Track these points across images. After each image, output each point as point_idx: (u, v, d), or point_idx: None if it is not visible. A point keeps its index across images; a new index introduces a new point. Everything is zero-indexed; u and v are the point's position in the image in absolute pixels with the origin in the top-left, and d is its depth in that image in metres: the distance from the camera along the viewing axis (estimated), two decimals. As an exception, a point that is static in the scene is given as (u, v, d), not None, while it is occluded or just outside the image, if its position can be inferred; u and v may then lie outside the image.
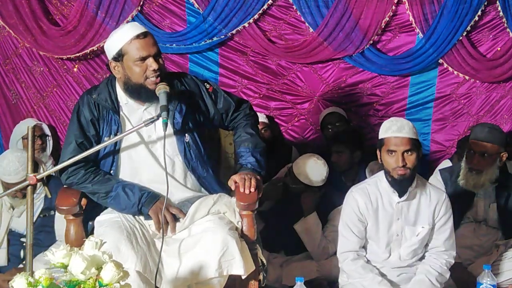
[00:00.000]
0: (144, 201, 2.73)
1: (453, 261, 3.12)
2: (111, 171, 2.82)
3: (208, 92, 2.92)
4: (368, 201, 3.06)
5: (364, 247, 3.14)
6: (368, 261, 3.12)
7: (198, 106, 2.90)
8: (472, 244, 3.64)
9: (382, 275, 3.10)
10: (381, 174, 3.10)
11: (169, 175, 2.76)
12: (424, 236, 3.08)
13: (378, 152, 3.05)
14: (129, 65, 2.71)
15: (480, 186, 3.54)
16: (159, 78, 2.71)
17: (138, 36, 2.69)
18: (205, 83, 2.94)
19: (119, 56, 2.72)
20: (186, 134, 2.81)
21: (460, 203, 3.59)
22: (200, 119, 2.90)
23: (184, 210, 2.76)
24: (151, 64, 2.69)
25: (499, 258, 3.53)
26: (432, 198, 3.07)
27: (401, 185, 2.99)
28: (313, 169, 3.72)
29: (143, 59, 2.69)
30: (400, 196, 3.02)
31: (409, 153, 2.94)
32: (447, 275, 3.10)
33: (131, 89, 2.76)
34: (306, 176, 3.72)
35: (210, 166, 2.89)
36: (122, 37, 2.72)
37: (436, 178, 3.71)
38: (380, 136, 3.02)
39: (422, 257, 3.17)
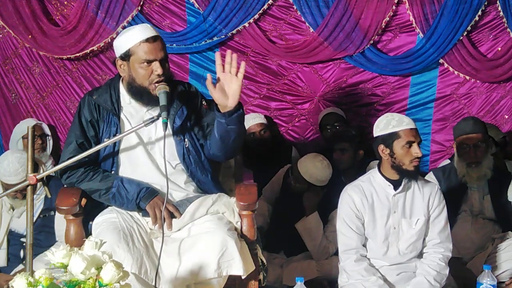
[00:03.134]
0: (142, 196, 2.73)
1: (450, 255, 3.15)
2: (112, 172, 2.82)
3: (202, 107, 2.94)
4: (363, 197, 3.10)
5: (364, 245, 3.15)
6: (370, 263, 3.12)
7: (196, 113, 2.91)
8: (471, 238, 3.67)
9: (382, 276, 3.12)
10: (373, 170, 3.16)
11: (170, 180, 2.76)
12: (421, 228, 3.12)
13: (383, 147, 3.05)
14: (134, 66, 2.73)
15: (483, 177, 3.61)
16: (162, 84, 2.72)
17: (147, 40, 2.71)
18: (203, 100, 2.96)
19: (126, 56, 2.74)
20: (186, 139, 2.82)
21: (455, 197, 3.64)
22: (199, 125, 2.91)
23: (183, 208, 2.76)
24: (157, 68, 2.71)
25: (494, 251, 3.56)
26: (425, 190, 3.14)
27: (413, 176, 3.06)
28: (319, 169, 3.77)
29: (149, 62, 2.71)
30: (395, 188, 3.08)
31: (420, 144, 3.04)
32: (446, 271, 3.12)
33: (134, 90, 2.78)
34: (311, 175, 3.76)
35: (210, 172, 2.90)
36: (132, 38, 2.73)
37: (430, 178, 3.74)
38: (392, 129, 3.02)
39: (421, 254, 3.17)
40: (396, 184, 3.08)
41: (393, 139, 3.02)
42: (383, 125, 3.07)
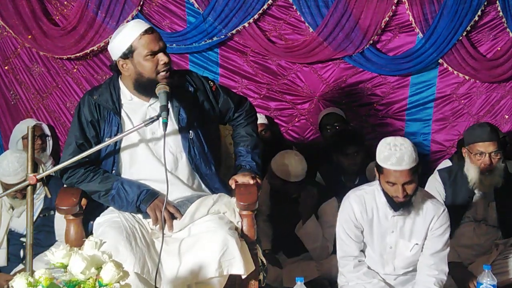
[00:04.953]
0: (142, 199, 2.73)
1: (445, 278, 3.05)
2: (113, 171, 2.82)
3: (211, 91, 2.94)
4: (363, 210, 3.00)
5: (362, 250, 3.11)
6: (369, 267, 3.09)
7: (202, 104, 2.91)
8: (472, 244, 3.64)
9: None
10: (378, 185, 3.00)
11: (173, 174, 2.78)
12: (418, 251, 3.03)
13: (376, 172, 2.94)
14: (139, 60, 2.71)
15: (495, 184, 3.55)
16: (169, 72, 2.73)
17: (146, 31, 2.71)
18: (209, 81, 2.96)
19: (129, 53, 2.72)
20: (191, 131, 2.82)
21: (460, 203, 3.60)
22: (204, 116, 2.91)
23: (183, 209, 2.76)
24: (162, 58, 2.71)
25: (500, 257, 3.54)
26: (429, 212, 3.00)
27: (401, 207, 2.93)
28: (291, 165, 3.71)
29: (154, 53, 2.70)
30: (396, 210, 2.95)
31: (409, 183, 2.84)
32: None
33: (143, 86, 2.76)
34: (283, 171, 3.72)
35: (214, 164, 2.90)
36: (131, 34, 2.72)
37: (435, 178, 3.71)
38: (379, 162, 2.87)
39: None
40: (395, 206, 2.93)
41: (379, 171, 2.89)
42: (378, 151, 2.89)
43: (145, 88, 2.77)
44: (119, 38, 2.75)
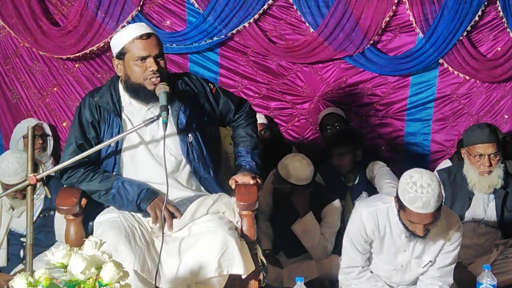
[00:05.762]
0: (143, 197, 2.74)
1: None
2: (114, 172, 2.83)
3: (212, 93, 2.94)
4: (375, 227, 2.93)
5: (368, 258, 3.09)
6: (372, 272, 3.09)
7: (202, 106, 2.91)
8: (472, 244, 3.64)
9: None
10: (393, 202, 2.89)
11: (173, 177, 2.79)
12: (429, 267, 3.01)
13: (395, 203, 2.83)
14: (129, 64, 2.73)
15: (495, 185, 3.54)
16: (158, 79, 2.71)
17: (141, 37, 2.71)
18: (209, 83, 2.96)
19: (121, 54, 2.74)
20: (189, 135, 2.82)
21: (459, 203, 3.60)
22: (204, 119, 2.91)
23: (183, 208, 2.77)
24: (151, 65, 2.70)
25: (500, 257, 3.53)
26: (444, 229, 2.92)
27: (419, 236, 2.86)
28: (298, 169, 3.70)
29: (143, 59, 2.70)
30: (409, 232, 2.86)
31: (432, 223, 2.77)
32: None
33: (130, 88, 2.78)
34: (291, 176, 3.70)
35: (212, 168, 2.90)
36: (126, 36, 2.73)
37: None
38: (402, 200, 2.73)
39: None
40: (413, 234, 2.84)
41: (402, 208, 2.76)
42: (402, 188, 2.74)
43: (133, 91, 2.77)
44: (116, 37, 2.78)
